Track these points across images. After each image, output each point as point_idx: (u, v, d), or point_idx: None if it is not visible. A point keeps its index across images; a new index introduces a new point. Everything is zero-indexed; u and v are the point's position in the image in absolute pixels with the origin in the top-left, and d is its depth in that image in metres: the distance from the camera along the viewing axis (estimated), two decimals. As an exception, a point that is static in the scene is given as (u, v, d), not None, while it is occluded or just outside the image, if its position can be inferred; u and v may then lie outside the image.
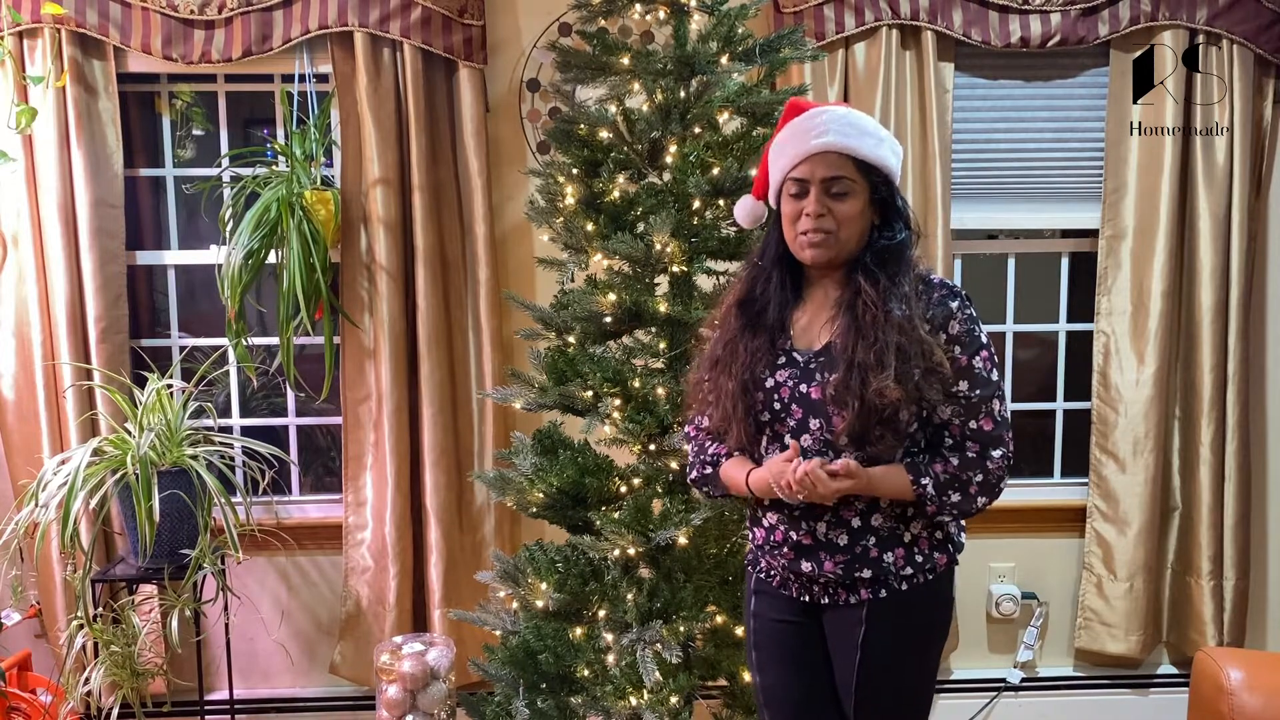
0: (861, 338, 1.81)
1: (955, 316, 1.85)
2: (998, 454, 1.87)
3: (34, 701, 2.99)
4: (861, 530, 1.89)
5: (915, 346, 1.79)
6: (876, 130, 1.90)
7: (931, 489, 1.85)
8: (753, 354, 1.93)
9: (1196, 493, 3.34)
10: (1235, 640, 3.35)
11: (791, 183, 1.89)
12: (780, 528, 1.94)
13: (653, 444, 2.43)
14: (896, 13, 3.12)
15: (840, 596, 1.94)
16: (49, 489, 2.81)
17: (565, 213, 2.57)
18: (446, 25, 3.06)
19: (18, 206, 3.09)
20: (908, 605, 1.92)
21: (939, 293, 1.88)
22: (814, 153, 1.86)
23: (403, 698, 2.88)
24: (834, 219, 1.86)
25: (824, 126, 1.87)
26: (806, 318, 1.96)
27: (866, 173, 1.87)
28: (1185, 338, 3.33)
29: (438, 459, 3.17)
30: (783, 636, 2.03)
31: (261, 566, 3.32)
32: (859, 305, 1.84)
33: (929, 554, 1.92)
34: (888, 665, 1.93)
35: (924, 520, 1.91)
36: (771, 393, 1.92)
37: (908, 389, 1.78)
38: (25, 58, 3.03)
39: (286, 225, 2.97)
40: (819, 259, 1.88)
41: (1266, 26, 3.18)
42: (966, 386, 1.85)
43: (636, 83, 2.52)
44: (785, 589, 2.01)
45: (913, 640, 1.95)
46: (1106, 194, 3.30)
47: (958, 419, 1.86)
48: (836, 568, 1.90)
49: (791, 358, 1.92)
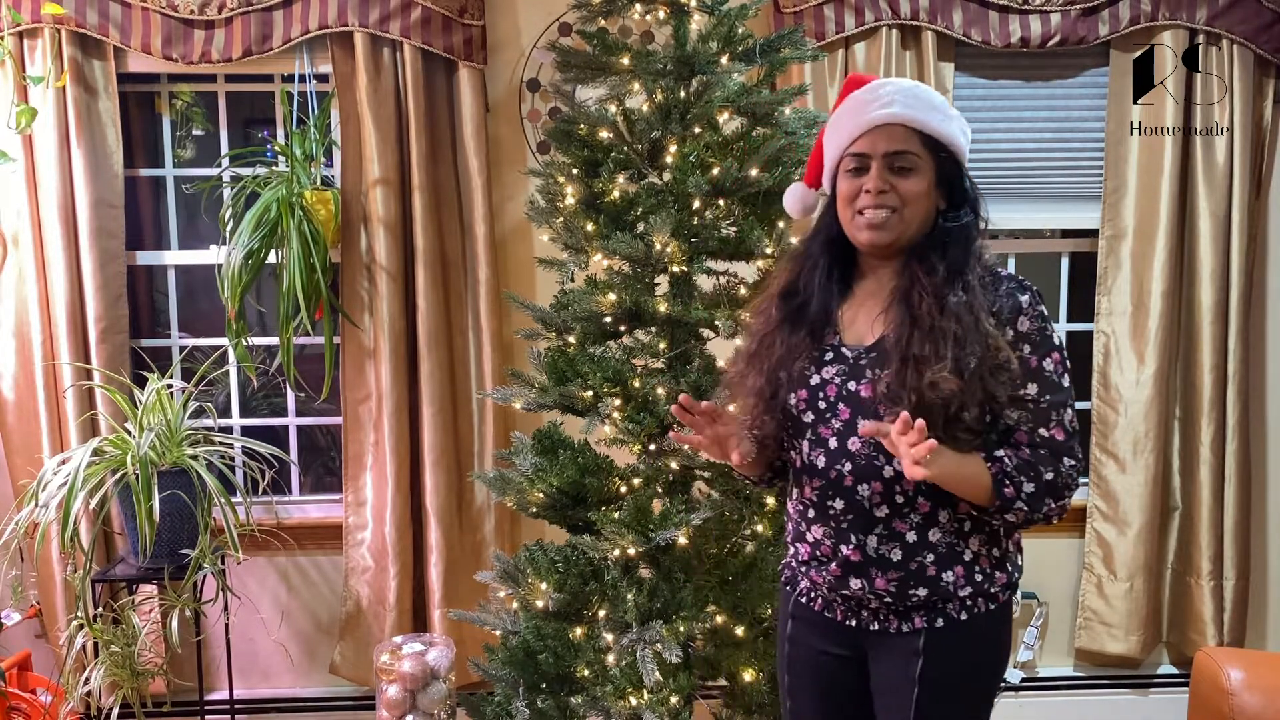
0: (917, 329, 1.65)
1: (1025, 312, 1.69)
2: (1069, 463, 1.68)
3: (34, 701, 2.99)
4: (918, 546, 1.71)
5: (974, 335, 1.63)
6: (945, 106, 1.74)
7: (1011, 467, 1.65)
8: (790, 349, 1.78)
9: (1196, 493, 3.34)
10: (1235, 640, 3.35)
11: (850, 158, 1.73)
12: (827, 542, 1.77)
13: (653, 444, 2.43)
14: (896, 13, 3.12)
15: (892, 624, 1.76)
16: (49, 489, 2.81)
17: (565, 213, 2.57)
18: (446, 25, 3.06)
19: (18, 206, 3.09)
20: (969, 640, 1.74)
21: (1007, 285, 1.71)
22: (877, 124, 1.70)
23: (403, 698, 2.88)
24: (897, 196, 1.69)
25: (889, 97, 1.71)
26: (856, 310, 1.79)
27: (933, 150, 1.71)
28: (1185, 338, 3.33)
29: (438, 459, 3.17)
30: (820, 668, 1.87)
31: (261, 566, 3.32)
32: (914, 294, 1.68)
33: (989, 572, 1.74)
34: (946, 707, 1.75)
35: (983, 535, 1.74)
36: (816, 390, 1.75)
37: (968, 382, 1.61)
38: (25, 58, 3.03)
39: (286, 225, 2.97)
40: (878, 240, 1.71)
41: (1266, 26, 3.18)
42: (1036, 390, 1.67)
43: (636, 83, 2.52)
44: (829, 612, 1.83)
45: (975, 682, 1.79)
46: (1106, 194, 3.30)
47: (1025, 425, 1.68)
48: (889, 585, 1.72)
49: (839, 353, 1.76)
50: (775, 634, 2.45)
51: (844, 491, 1.74)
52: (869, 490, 1.72)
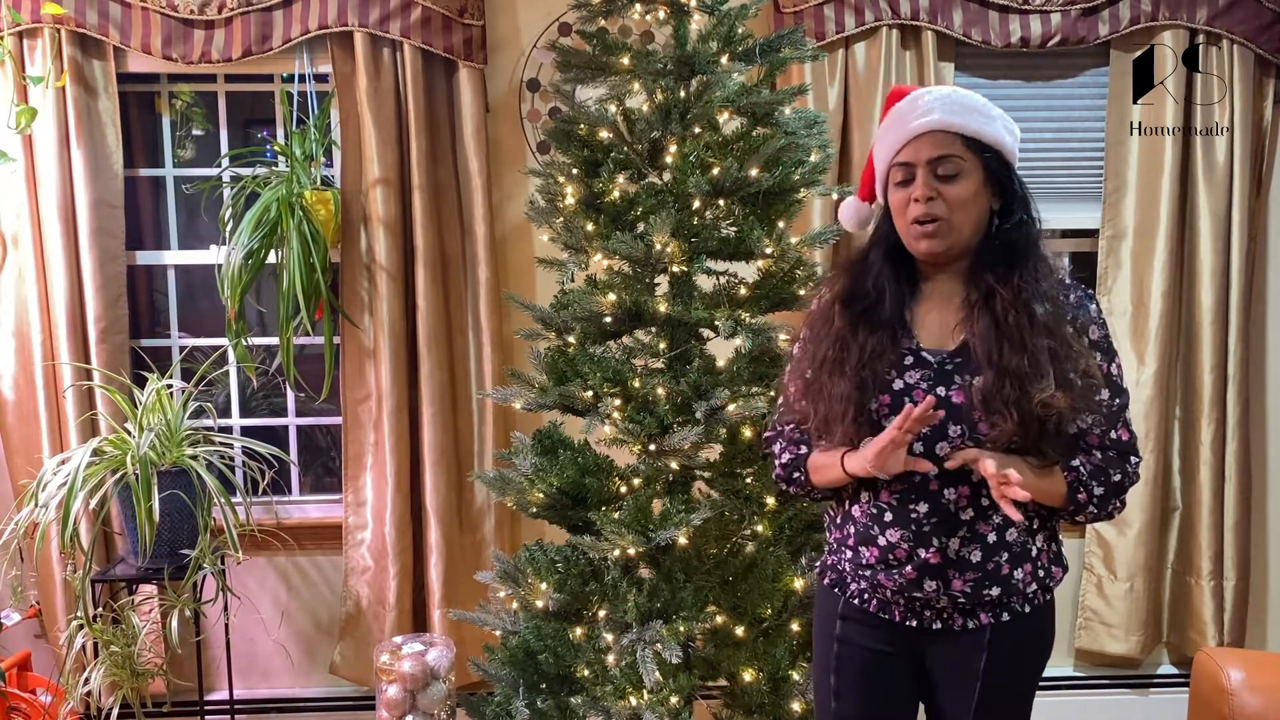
0: (1007, 341, 1.67)
1: (1095, 320, 1.74)
2: (1135, 460, 1.77)
3: (34, 701, 2.99)
4: (997, 546, 1.75)
5: (1067, 350, 1.67)
6: (986, 107, 1.76)
7: (1085, 475, 1.73)
8: (871, 351, 1.77)
9: (1196, 493, 3.34)
10: (1235, 640, 3.35)
11: (897, 169, 1.76)
12: (904, 545, 1.76)
13: (653, 444, 2.43)
14: (896, 13, 3.12)
15: (956, 621, 1.79)
16: (49, 489, 2.81)
17: (565, 213, 2.57)
18: (446, 25, 3.06)
19: (18, 206, 3.09)
20: (1029, 630, 1.80)
21: (1076, 293, 1.76)
22: (918, 133, 1.73)
23: (403, 698, 2.88)
24: (945, 203, 1.71)
25: (927, 106, 1.74)
26: (931, 315, 1.80)
27: (978, 151, 1.72)
28: (1185, 338, 3.33)
29: (438, 459, 3.17)
30: (872, 667, 1.88)
31: (261, 566, 3.32)
32: (997, 304, 1.69)
33: (1049, 568, 1.82)
34: (1009, 696, 1.82)
35: (1045, 532, 1.80)
36: (901, 395, 1.75)
37: (1075, 397, 1.65)
38: (25, 58, 3.03)
39: (286, 225, 2.97)
40: (934, 249, 1.74)
41: (1266, 26, 3.18)
42: (1108, 395, 1.73)
43: (636, 83, 2.52)
44: (885, 613, 1.84)
45: (1033, 667, 1.85)
46: (1106, 194, 3.30)
47: (1098, 429, 1.73)
48: (965, 586, 1.75)
49: (920, 358, 1.77)
50: (775, 634, 2.46)
51: (928, 495, 1.74)
52: (955, 494, 1.74)
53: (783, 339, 2.43)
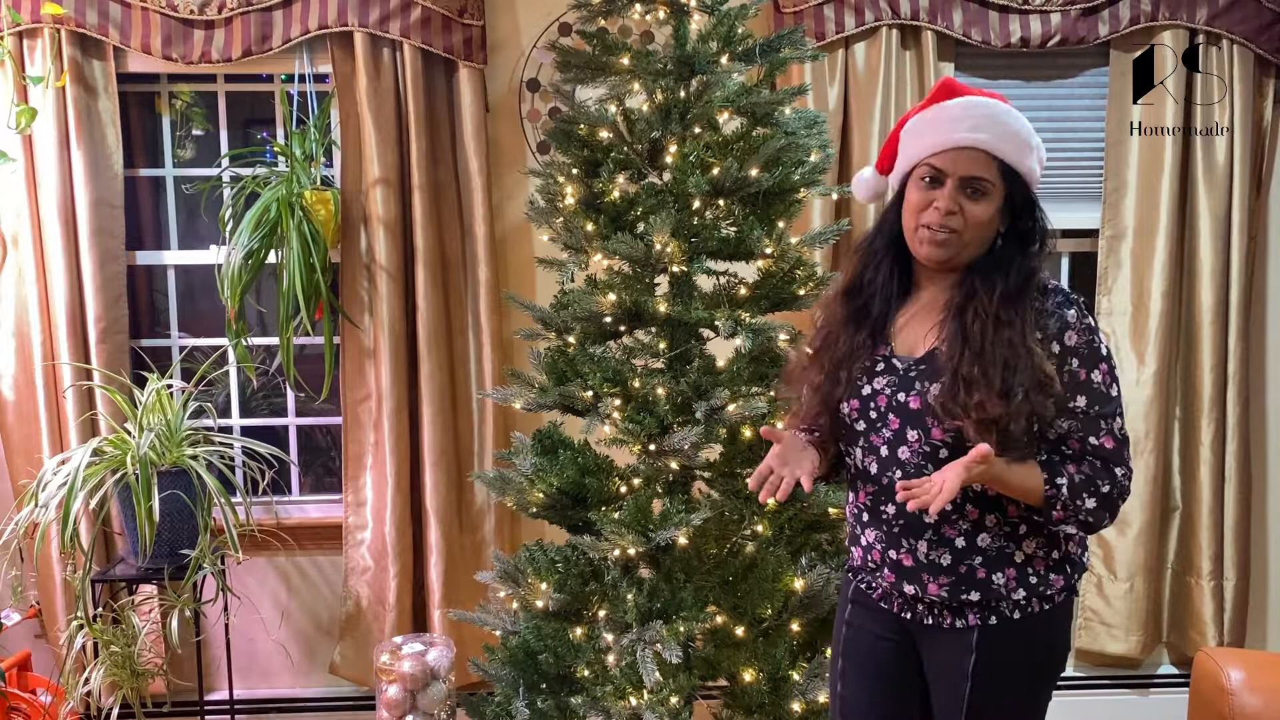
0: (968, 347, 1.70)
1: (1072, 326, 1.72)
2: (1120, 471, 1.74)
3: (34, 701, 2.99)
4: (966, 550, 1.76)
5: (1023, 360, 1.67)
6: (1030, 136, 1.77)
7: (1066, 490, 1.70)
8: (852, 350, 1.82)
9: (1196, 493, 3.34)
10: (1235, 640, 3.34)
11: (927, 168, 1.76)
12: (878, 547, 1.82)
13: (653, 444, 2.43)
14: (896, 12, 3.12)
15: (946, 619, 1.80)
16: (49, 489, 2.81)
17: (565, 213, 2.57)
18: (446, 25, 3.06)
19: (18, 206, 3.09)
20: (1023, 640, 1.78)
21: (1054, 299, 1.74)
22: (961, 145, 1.73)
23: (403, 698, 2.88)
24: (963, 219, 1.73)
25: (977, 122, 1.74)
26: (909, 320, 1.84)
27: (1008, 178, 1.75)
28: (1185, 338, 3.33)
29: (438, 459, 3.17)
30: (876, 653, 1.91)
31: (261, 566, 3.32)
32: (969, 312, 1.72)
33: (1044, 575, 1.78)
34: (999, 702, 1.80)
35: (1039, 539, 1.78)
36: (868, 401, 1.80)
37: (1012, 404, 1.66)
38: (25, 58, 3.03)
39: (286, 225, 2.97)
40: (936, 257, 1.76)
41: (1266, 26, 3.18)
42: (1085, 402, 1.72)
43: (636, 83, 2.52)
44: (885, 603, 1.88)
45: (1027, 679, 1.81)
46: (1106, 194, 3.30)
47: (1076, 434, 1.73)
48: (941, 590, 1.77)
49: (890, 364, 1.81)
50: (775, 634, 2.46)
51: (895, 498, 1.75)
52: None
53: (783, 339, 2.43)
